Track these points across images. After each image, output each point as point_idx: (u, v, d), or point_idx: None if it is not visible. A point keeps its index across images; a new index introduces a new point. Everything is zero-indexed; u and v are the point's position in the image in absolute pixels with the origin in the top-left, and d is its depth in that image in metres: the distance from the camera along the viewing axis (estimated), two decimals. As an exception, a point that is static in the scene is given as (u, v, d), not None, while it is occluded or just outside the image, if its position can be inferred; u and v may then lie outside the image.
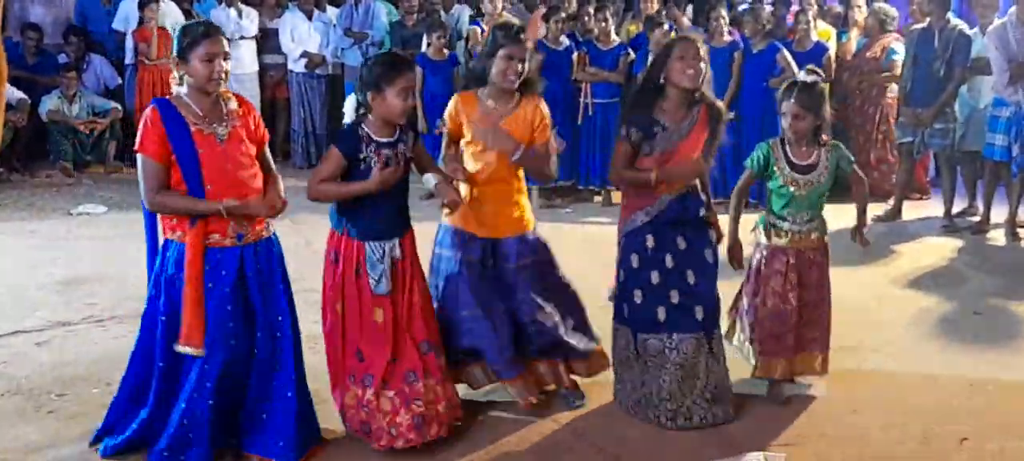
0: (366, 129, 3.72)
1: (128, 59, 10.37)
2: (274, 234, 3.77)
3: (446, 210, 3.99)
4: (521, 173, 4.14)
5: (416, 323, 3.83)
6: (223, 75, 3.54)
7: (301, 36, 10.46)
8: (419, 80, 8.66)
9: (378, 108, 3.69)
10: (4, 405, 4.24)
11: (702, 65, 4.03)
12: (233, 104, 3.63)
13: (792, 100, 4.13)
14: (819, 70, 4.39)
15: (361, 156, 3.70)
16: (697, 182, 4.15)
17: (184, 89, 3.56)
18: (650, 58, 4.85)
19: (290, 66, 10.59)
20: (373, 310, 3.76)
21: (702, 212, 4.13)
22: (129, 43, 10.28)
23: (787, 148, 4.22)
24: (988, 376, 4.70)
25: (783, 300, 4.24)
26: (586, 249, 4.17)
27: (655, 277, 4.09)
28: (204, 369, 3.56)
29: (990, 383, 4.61)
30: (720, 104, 4.20)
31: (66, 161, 9.69)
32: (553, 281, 4.21)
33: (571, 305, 4.25)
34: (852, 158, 4.38)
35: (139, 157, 3.51)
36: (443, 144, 4.19)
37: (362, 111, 3.75)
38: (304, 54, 10.41)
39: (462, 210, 3.98)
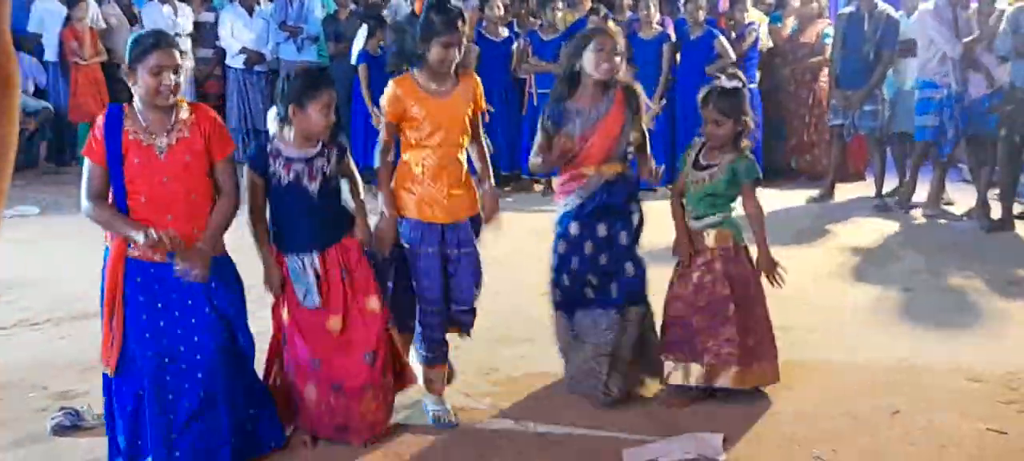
0: (276, 144, 3.68)
1: (49, 56, 10.20)
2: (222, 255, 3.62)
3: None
4: (464, 157, 4.03)
5: (360, 334, 3.77)
6: (172, 88, 3.41)
7: (239, 32, 10.37)
8: (365, 77, 8.63)
9: (299, 123, 3.63)
10: (-65, 412, 4.15)
11: (618, 59, 4.09)
12: (184, 113, 3.50)
13: (711, 106, 4.08)
14: (742, 75, 4.39)
15: (271, 171, 3.66)
16: (626, 168, 4.21)
17: (136, 99, 3.47)
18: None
19: (228, 61, 10.48)
20: (292, 325, 3.74)
21: (628, 201, 4.18)
22: (50, 41, 10.12)
23: (703, 149, 4.20)
24: (917, 351, 4.81)
25: (682, 299, 4.20)
26: (530, 238, 4.19)
27: (575, 262, 4.17)
28: (115, 386, 3.50)
29: (920, 358, 4.71)
30: (636, 86, 4.22)
31: (-3, 163, 9.50)
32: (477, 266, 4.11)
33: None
34: (757, 172, 4.17)
35: (85, 160, 3.47)
36: (381, 135, 3.98)
37: (282, 124, 3.68)
38: (243, 51, 10.31)
39: (416, 200, 3.89)
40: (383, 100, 3.92)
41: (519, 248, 4.04)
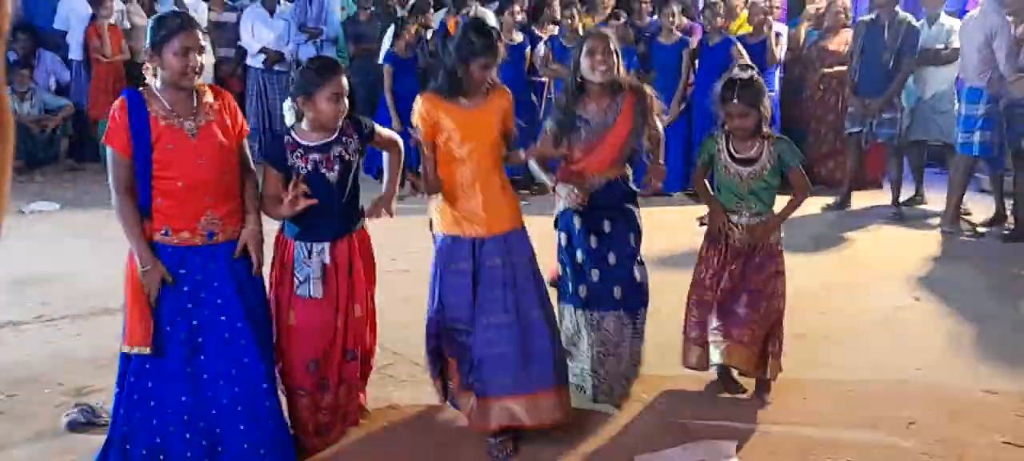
0: (292, 136, 3.67)
1: (74, 54, 10.28)
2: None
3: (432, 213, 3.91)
4: (500, 168, 3.96)
5: (349, 334, 3.78)
6: (198, 69, 3.40)
7: (260, 32, 10.41)
8: (389, 78, 8.65)
9: (309, 114, 3.64)
10: (-47, 406, 4.18)
11: (613, 59, 4.09)
12: (209, 97, 3.50)
13: (736, 100, 4.08)
14: (751, 63, 4.41)
15: (289, 164, 3.64)
16: (626, 170, 4.23)
17: (157, 82, 3.43)
18: None
19: (248, 61, 10.51)
20: (288, 312, 3.70)
21: (627, 201, 4.20)
22: (75, 39, 10.21)
23: (730, 141, 4.21)
24: (933, 362, 4.79)
25: (717, 289, 4.24)
26: (545, 241, 4.18)
27: (579, 256, 4.19)
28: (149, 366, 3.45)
29: (935, 369, 4.69)
30: (645, 87, 4.22)
31: (18, 159, 9.58)
32: (544, 292, 3.95)
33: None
34: (800, 153, 4.29)
35: (107, 149, 3.41)
36: (422, 151, 3.88)
37: (296, 117, 3.70)
38: (263, 50, 10.35)
39: (451, 214, 3.85)
40: (414, 119, 3.88)
41: (536, 251, 4.07)
